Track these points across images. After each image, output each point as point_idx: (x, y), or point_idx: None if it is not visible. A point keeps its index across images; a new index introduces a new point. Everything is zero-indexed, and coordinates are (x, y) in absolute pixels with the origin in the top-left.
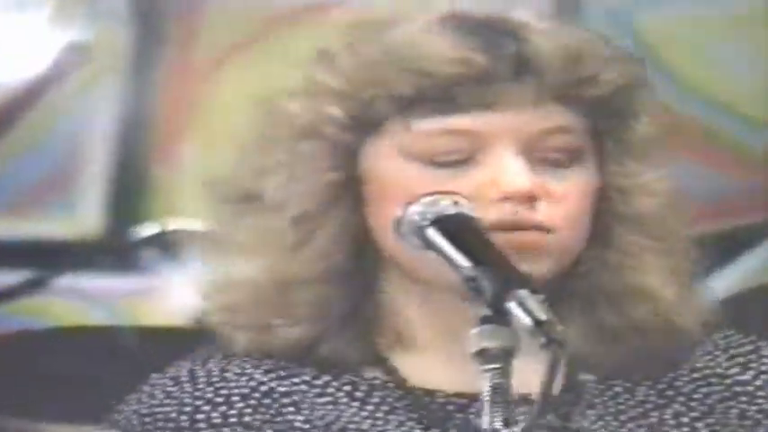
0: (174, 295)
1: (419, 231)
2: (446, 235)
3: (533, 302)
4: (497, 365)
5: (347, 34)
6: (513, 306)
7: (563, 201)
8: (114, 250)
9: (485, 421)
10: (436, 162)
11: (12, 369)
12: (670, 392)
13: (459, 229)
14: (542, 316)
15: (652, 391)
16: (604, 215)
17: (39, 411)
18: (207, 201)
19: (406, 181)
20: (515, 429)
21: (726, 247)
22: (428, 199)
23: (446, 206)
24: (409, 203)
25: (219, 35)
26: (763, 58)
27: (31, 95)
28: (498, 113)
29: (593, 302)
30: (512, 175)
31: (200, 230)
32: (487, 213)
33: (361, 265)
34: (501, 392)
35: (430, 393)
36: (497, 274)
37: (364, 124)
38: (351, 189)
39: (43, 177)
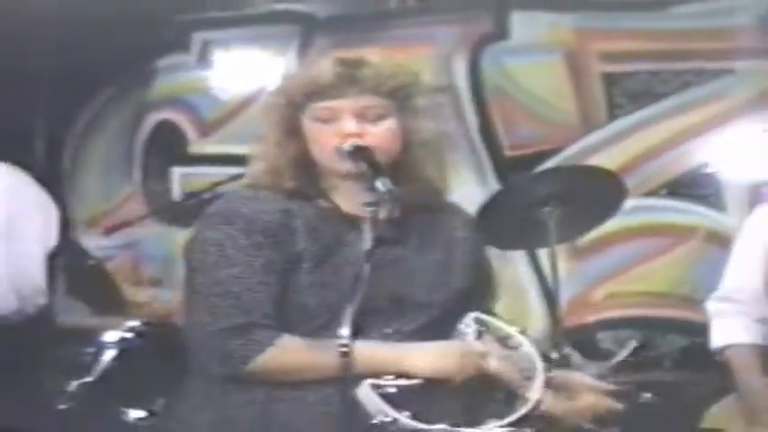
0: None
1: (346, 154)
2: (358, 156)
3: (388, 183)
4: (374, 208)
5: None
6: (378, 185)
7: (377, 136)
8: None
9: (367, 238)
10: (321, 120)
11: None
12: (434, 222)
13: (363, 152)
14: (390, 187)
15: (425, 219)
16: (409, 144)
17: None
18: None
19: (315, 128)
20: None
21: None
22: (352, 140)
23: (359, 143)
24: (342, 142)
25: None
26: (565, 84)
27: (246, 102)
28: (342, 100)
29: (405, 182)
30: (349, 126)
31: None
32: (346, 144)
33: (314, 161)
34: (375, 219)
35: (339, 209)
36: (374, 171)
37: (294, 105)
38: (301, 134)
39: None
